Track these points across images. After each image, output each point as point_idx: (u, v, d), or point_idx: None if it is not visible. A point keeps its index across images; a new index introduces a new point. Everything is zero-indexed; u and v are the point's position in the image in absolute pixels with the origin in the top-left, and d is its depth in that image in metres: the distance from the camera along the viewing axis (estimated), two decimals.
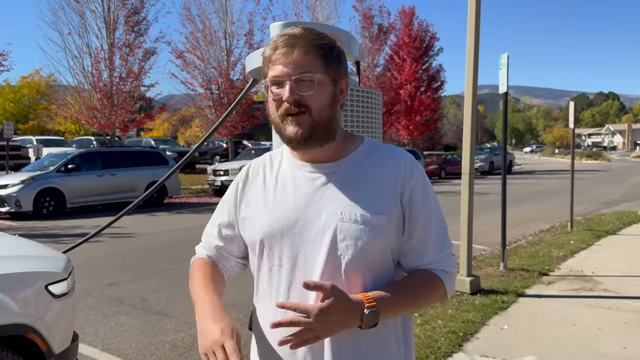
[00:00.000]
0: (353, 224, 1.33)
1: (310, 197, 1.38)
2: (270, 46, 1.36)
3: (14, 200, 13.02)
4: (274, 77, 1.34)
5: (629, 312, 5.20)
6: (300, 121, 1.32)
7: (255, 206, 1.45)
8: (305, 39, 1.33)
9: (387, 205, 1.36)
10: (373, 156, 1.43)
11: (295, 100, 1.31)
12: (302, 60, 1.31)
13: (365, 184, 1.38)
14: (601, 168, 40.92)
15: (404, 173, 1.39)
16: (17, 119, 39.52)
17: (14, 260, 2.95)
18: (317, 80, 1.32)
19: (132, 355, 4.43)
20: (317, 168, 1.41)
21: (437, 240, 1.41)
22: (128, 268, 7.60)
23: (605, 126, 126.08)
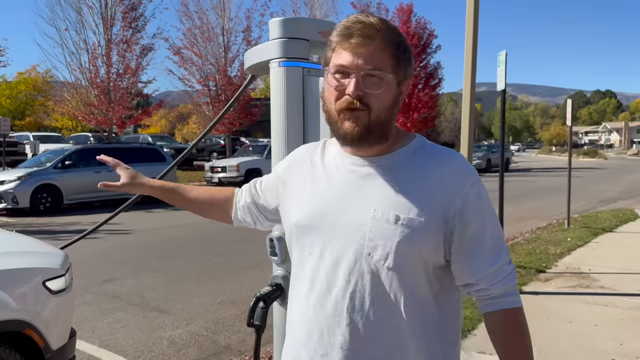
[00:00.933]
0: (385, 223, 1.25)
1: (347, 190, 1.33)
2: (341, 31, 1.26)
3: (10, 196, 12.99)
4: (341, 66, 1.25)
5: (626, 309, 5.22)
6: (358, 117, 1.25)
7: (298, 189, 1.42)
8: (385, 34, 1.24)
9: (427, 210, 1.26)
10: (421, 156, 1.34)
11: (358, 96, 1.23)
12: (376, 56, 1.23)
13: (406, 183, 1.29)
14: (598, 166, 41.02)
15: (455, 179, 1.29)
16: (14, 115, 39.38)
17: (11, 256, 2.95)
18: (386, 80, 1.24)
19: (130, 352, 4.43)
20: (361, 161, 1.34)
21: (490, 252, 1.29)
22: (125, 264, 7.60)
23: (602, 124, 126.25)
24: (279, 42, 2.27)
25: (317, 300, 1.30)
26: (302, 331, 1.34)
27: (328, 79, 1.29)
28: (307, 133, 2.29)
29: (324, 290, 1.29)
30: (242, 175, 17.96)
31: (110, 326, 5.04)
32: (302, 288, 1.35)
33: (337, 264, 1.28)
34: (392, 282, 1.26)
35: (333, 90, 1.27)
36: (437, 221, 1.26)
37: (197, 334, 4.82)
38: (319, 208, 1.33)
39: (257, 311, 2.21)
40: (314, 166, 1.42)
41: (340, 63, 1.25)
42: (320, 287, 1.30)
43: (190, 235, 10.20)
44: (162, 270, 7.24)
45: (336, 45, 1.27)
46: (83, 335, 4.71)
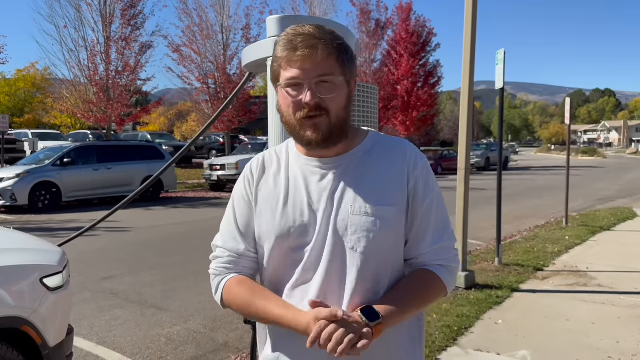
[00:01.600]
0: (364, 216, 1.34)
1: (320, 194, 1.38)
2: (285, 46, 1.32)
3: (9, 193, 12.98)
4: (293, 79, 1.31)
5: (623, 307, 5.23)
6: (318, 124, 1.32)
7: (268, 204, 1.43)
8: (326, 40, 1.31)
9: (395, 196, 1.37)
10: (378, 148, 1.44)
11: (316, 103, 1.30)
12: (324, 63, 1.30)
13: (373, 176, 1.39)
14: (597, 164, 41.04)
15: (409, 163, 1.41)
16: (13, 112, 39.35)
17: (8, 253, 2.95)
18: (338, 83, 1.32)
19: (128, 349, 4.43)
20: (324, 163, 1.41)
21: (435, 232, 1.41)
22: (124, 262, 7.60)
23: (601, 123, 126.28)
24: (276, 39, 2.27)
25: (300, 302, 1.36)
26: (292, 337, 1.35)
27: (282, 94, 1.35)
28: None
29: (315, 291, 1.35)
30: (241, 173, 17.96)
31: (108, 323, 5.05)
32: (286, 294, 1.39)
33: (325, 264, 1.35)
34: (379, 270, 1.36)
35: (290, 102, 1.33)
36: (405, 204, 1.39)
37: (195, 331, 4.83)
38: (298, 216, 1.38)
39: None
40: (278, 179, 1.44)
41: (291, 76, 1.31)
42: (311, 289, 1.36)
43: (188, 233, 10.20)
44: (161, 267, 7.25)
45: (282, 59, 1.32)
46: (81, 333, 4.71)
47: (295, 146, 1.45)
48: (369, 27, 28.58)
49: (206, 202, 15.52)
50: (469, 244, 6.58)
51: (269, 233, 1.40)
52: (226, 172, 18.11)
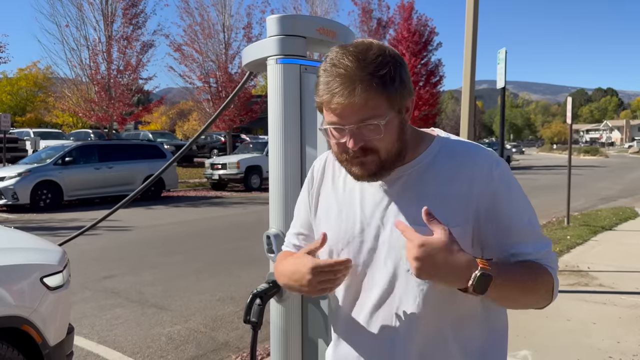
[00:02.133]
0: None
1: (376, 207, 1.30)
2: (323, 87, 1.19)
3: (11, 192, 13.00)
4: (333, 124, 1.21)
5: (624, 307, 5.22)
6: (366, 162, 1.22)
7: (324, 211, 1.40)
8: (364, 77, 1.16)
9: (460, 214, 1.23)
10: (444, 156, 1.29)
11: (360, 147, 1.20)
12: (365, 105, 1.16)
13: (435, 190, 1.25)
14: (599, 164, 40.99)
15: (480, 176, 1.24)
16: (15, 111, 39.42)
17: (9, 252, 2.95)
18: (383, 123, 1.18)
19: (128, 348, 4.44)
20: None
21: (535, 237, 1.26)
22: (124, 261, 7.61)
23: (603, 122, 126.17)
24: (276, 39, 2.27)
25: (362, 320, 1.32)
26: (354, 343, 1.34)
27: (327, 132, 1.25)
28: (304, 130, 2.29)
29: (368, 310, 1.30)
30: (242, 172, 17.97)
31: (109, 322, 5.05)
32: (337, 306, 1.38)
33: (379, 282, 1.28)
34: (439, 295, 1.24)
35: (334, 143, 1.25)
36: (471, 225, 1.24)
37: (195, 330, 4.83)
38: (350, 228, 1.32)
39: (253, 308, 2.21)
40: (337, 185, 1.40)
41: (331, 121, 1.21)
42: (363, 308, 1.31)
43: (189, 232, 10.21)
44: (161, 266, 7.25)
45: (322, 100, 1.22)
46: (82, 332, 4.72)
47: None
48: (370, 26, 28.60)
49: (207, 201, 15.52)
50: None
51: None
52: (227, 171, 18.11)
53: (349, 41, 2.57)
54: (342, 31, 2.47)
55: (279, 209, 2.32)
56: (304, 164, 2.30)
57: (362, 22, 28.48)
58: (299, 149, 2.30)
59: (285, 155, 2.29)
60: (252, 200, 15.46)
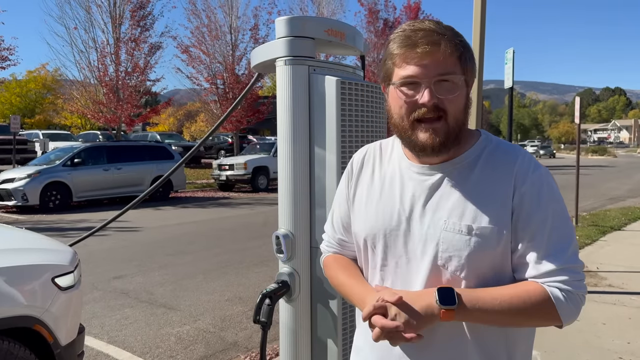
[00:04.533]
0: (457, 234, 1.22)
1: (415, 200, 1.29)
2: (402, 42, 1.21)
3: (20, 194, 13.09)
4: (410, 77, 1.20)
5: (634, 307, 5.19)
6: (436, 128, 1.21)
7: (362, 201, 1.39)
8: (449, 36, 1.20)
9: (498, 214, 1.22)
10: (486, 156, 1.29)
11: (434, 104, 1.19)
12: (445, 61, 1.19)
13: (475, 188, 1.25)
14: (607, 164, 40.73)
15: (517, 177, 1.24)
16: (24, 113, 39.68)
17: (21, 252, 2.98)
18: (459, 82, 1.21)
19: (138, 348, 4.46)
20: (426, 169, 1.30)
21: (548, 255, 1.20)
22: (134, 261, 7.64)
23: (611, 122, 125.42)
24: (285, 40, 2.28)
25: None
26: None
27: (395, 93, 1.24)
28: (312, 130, 2.30)
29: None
30: (249, 173, 18.01)
31: (119, 322, 5.08)
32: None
33: (414, 277, 1.27)
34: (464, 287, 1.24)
35: (403, 103, 1.23)
36: (508, 225, 1.22)
37: (204, 330, 4.85)
38: (387, 220, 1.31)
39: (263, 308, 2.23)
40: (376, 175, 1.39)
41: (407, 74, 1.20)
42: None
43: (197, 233, 10.24)
44: (170, 267, 7.28)
45: (398, 57, 1.22)
46: (92, 331, 4.75)
47: (401, 146, 1.35)
48: (377, 27, 28.55)
49: (215, 202, 15.56)
50: None
51: (359, 233, 1.37)
52: (235, 172, 18.15)
53: (357, 42, 2.58)
54: (350, 32, 2.49)
55: (288, 210, 2.33)
56: (312, 164, 2.31)
57: (369, 22, 28.45)
58: (307, 149, 2.31)
59: (294, 155, 2.30)
60: (260, 201, 15.49)
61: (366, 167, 1.42)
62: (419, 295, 1.20)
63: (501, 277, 1.24)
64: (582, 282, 1.22)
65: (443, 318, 1.16)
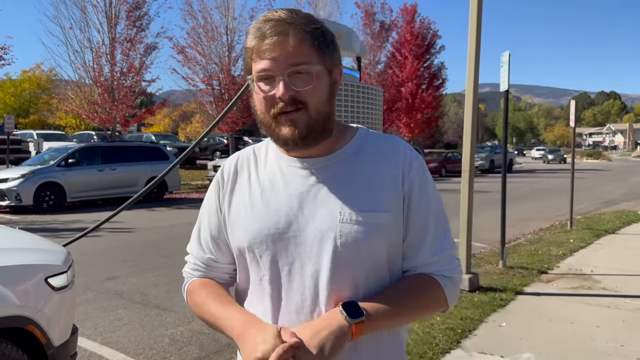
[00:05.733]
0: (355, 224, 1.18)
1: (303, 197, 1.23)
2: (254, 34, 1.17)
3: (14, 194, 13.03)
4: (263, 71, 1.16)
5: (628, 310, 5.21)
6: (295, 119, 1.17)
7: (241, 209, 1.28)
8: (298, 25, 1.15)
9: (390, 201, 1.21)
10: (369, 147, 1.28)
11: (291, 97, 1.15)
12: (296, 51, 1.14)
13: (363, 178, 1.23)
14: (602, 167, 40.92)
15: (403, 164, 1.24)
16: (18, 113, 39.52)
17: (14, 252, 2.96)
18: (315, 72, 1.16)
19: (131, 349, 4.44)
20: (309, 164, 1.25)
21: (435, 240, 1.25)
22: (127, 262, 7.62)
23: (606, 125, 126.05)
24: None
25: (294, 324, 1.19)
26: None
27: (254, 89, 1.20)
28: None
29: (301, 311, 1.20)
30: None
31: (112, 323, 5.06)
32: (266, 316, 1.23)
33: (311, 279, 1.20)
34: (374, 284, 1.22)
35: (262, 98, 1.18)
36: (402, 212, 1.22)
37: (198, 332, 4.83)
38: (275, 224, 1.22)
39: None
40: (253, 180, 1.30)
41: (261, 68, 1.16)
42: (295, 308, 1.21)
43: None
44: (164, 268, 7.26)
45: (252, 50, 1.18)
46: (85, 332, 4.72)
47: (276, 146, 1.29)
48: (373, 29, 28.65)
49: None
50: (473, 247, 6.56)
51: (241, 244, 1.26)
52: None
53: (354, 44, 2.59)
54: (346, 32, 2.49)
55: None
56: None
57: (365, 24, 28.54)
58: None
59: None
60: None
61: (241, 174, 1.32)
62: (322, 322, 1.13)
63: (395, 267, 1.25)
64: (459, 267, 1.30)
65: (355, 334, 1.12)
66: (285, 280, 1.22)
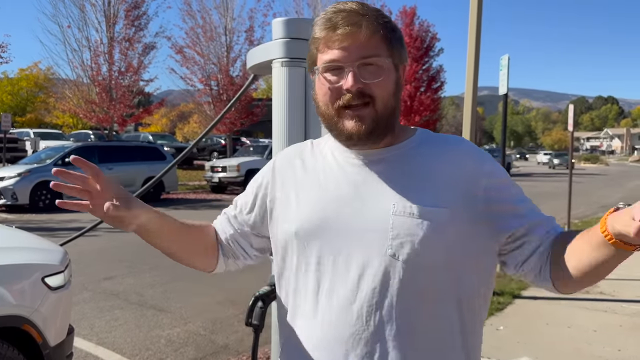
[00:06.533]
0: (409, 217, 1.12)
1: (356, 187, 1.18)
2: (323, 25, 1.14)
3: (10, 192, 12.99)
4: (332, 62, 1.13)
5: (625, 315, 5.21)
6: (362, 115, 1.13)
7: (292, 196, 1.25)
8: (370, 17, 1.13)
9: (450, 197, 1.14)
10: (430, 144, 1.23)
11: (359, 89, 1.12)
12: (368, 43, 1.12)
13: (422, 173, 1.18)
14: (599, 172, 41.01)
15: (473, 160, 1.19)
16: (15, 111, 39.36)
17: (10, 251, 2.95)
18: (385, 65, 1.14)
19: (127, 350, 4.42)
20: (365, 155, 1.20)
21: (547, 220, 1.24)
22: (124, 262, 7.59)
23: (603, 130, 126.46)
24: (282, 42, 2.27)
25: (334, 316, 1.15)
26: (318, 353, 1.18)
27: (319, 80, 1.17)
28: (308, 133, 2.29)
29: (344, 304, 1.14)
30: (242, 175, 17.97)
31: (108, 324, 5.04)
32: (307, 305, 1.20)
33: (357, 271, 1.14)
34: (425, 283, 1.13)
35: (327, 90, 1.15)
36: (465, 208, 1.14)
37: (195, 333, 4.82)
38: (325, 211, 1.19)
39: (255, 311, 2.20)
40: (307, 167, 1.28)
41: (330, 59, 1.13)
42: (337, 301, 1.15)
43: None
44: (161, 268, 7.24)
45: (321, 41, 1.15)
46: (81, 333, 4.70)
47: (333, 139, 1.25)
48: None
49: (207, 204, 15.51)
50: None
51: (289, 230, 1.22)
52: (227, 174, 18.11)
53: None
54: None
55: None
56: None
57: None
58: None
59: None
60: None
61: (294, 161, 1.31)
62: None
63: (453, 269, 1.15)
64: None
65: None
66: (330, 270, 1.17)
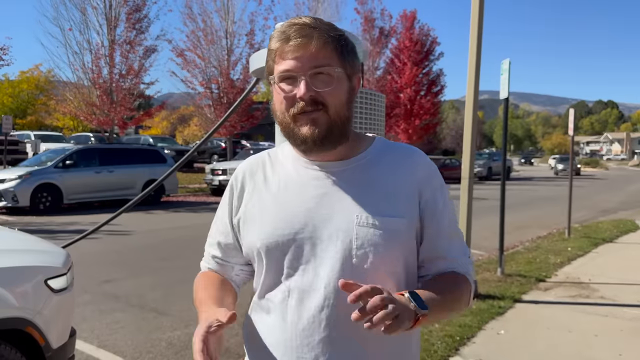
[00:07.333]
0: (371, 228, 1.20)
1: (319, 199, 1.24)
2: (278, 37, 1.21)
3: (11, 195, 12.99)
4: (285, 72, 1.20)
5: (625, 319, 5.21)
6: (316, 119, 1.19)
7: (256, 210, 1.30)
8: (321, 29, 1.20)
9: (406, 207, 1.24)
10: (386, 155, 1.31)
11: (311, 97, 1.18)
12: (319, 53, 1.18)
13: (380, 184, 1.25)
14: (599, 176, 41.01)
15: (423, 172, 1.28)
16: (16, 113, 39.35)
17: (13, 254, 2.95)
18: (335, 75, 1.20)
19: (128, 352, 4.42)
20: (326, 167, 1.27)
21: (460, 243, 1.32)
22: (125, 265, 7.59)
23: (603, 134, 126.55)
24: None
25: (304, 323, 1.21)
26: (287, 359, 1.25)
27: (276, 90, 1.23)
28: None
29: (314, 312, 1.21)
30: None
31: (109, 326, 5.04)
32: (277, 312, 1.26)
33: (324, 280, 1.20)
34: (387, 284, 1.18)
35: (282, 99, 1.22)
36: (416, 217, 1.26)
37: None
38: (289, 224, 1.24)
39: None
40: (269, 181, 1.32)
41: (284, 69, 1.20)
42: (307, 309, 1.21)
43: (190, 237, 10.19)
44: (162, 271, 7.24)
45: (276, 52, 1.22)
46: (82, 335, 4.70)
47: (294, 148, 1.30)
48: (372, 35, 28.69)
49: (207, 207, 15.50)
50: (471, 254, 6.57)
51: (255, 243, 1.27)
52: (228, 176, 18.11)
53: (357, 48, 2.58)
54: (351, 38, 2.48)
55: None
56: None
57: (364, 30, 28.56)
58: None
59: None
60: None
61: (256, 175, 1.35)
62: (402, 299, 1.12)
63: (410, 273, 1.27)
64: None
65: (414, 326, 1.10)
66: (300, 281, 1.23)
